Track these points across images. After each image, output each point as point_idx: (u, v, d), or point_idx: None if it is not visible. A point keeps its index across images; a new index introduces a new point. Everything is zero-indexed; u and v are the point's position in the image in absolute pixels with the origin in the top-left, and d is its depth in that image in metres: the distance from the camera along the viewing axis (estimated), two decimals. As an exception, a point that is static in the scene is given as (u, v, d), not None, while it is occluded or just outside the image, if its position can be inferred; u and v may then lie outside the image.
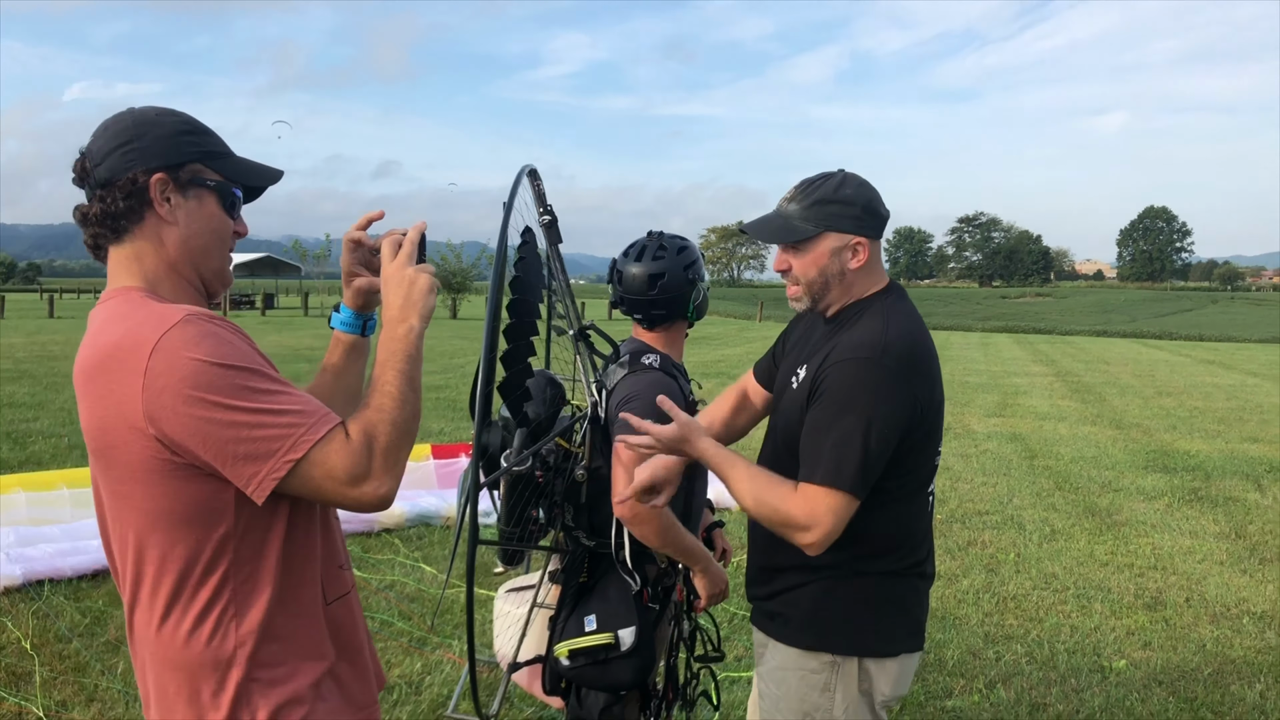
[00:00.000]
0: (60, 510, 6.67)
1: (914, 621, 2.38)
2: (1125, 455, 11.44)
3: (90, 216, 1.63)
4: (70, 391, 14.19)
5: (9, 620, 5.09)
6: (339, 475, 1.52)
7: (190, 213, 1.65)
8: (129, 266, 1.64)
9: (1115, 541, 7.50)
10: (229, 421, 1.47)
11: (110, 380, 1.49)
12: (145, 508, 1.53)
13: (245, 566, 1.58)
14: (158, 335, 1.47)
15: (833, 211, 2.28)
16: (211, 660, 1.57)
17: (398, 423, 1.58)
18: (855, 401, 2.13)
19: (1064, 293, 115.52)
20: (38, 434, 10.70)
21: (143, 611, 1.59)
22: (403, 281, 1.71)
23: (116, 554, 1.62)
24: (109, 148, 1.61)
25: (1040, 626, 5.60)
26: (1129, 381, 21.28)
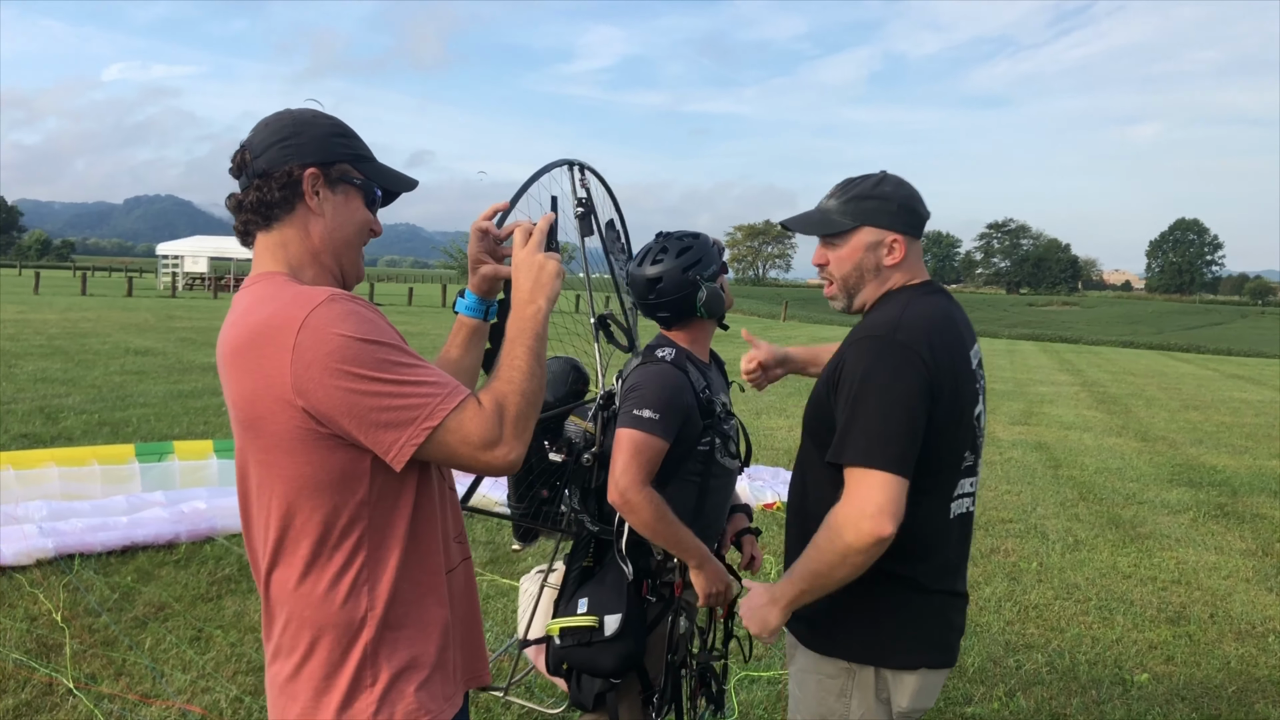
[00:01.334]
0: (91, 486, 6.76)
1: (939, 637, 2.32)
2: (1150, 468, 11.36)
3: (245, 204, 1.75)
4: (101, 368, 14.39)
5: (40, 592, 5.17)
6: (473, 440, 1.63)
7: (336, 207, 1.78)
8: (275, 253, 1.76)
9: (1139, 554, 7.46)
10: (371, 392, 1.57)
11: (260, 356, 1.59)
12: (289, 475, 1.63)
13: (378, 532, 1.68)
14: (305, 313, 1.58)
15: (869, 207, 2.30)
16: (345, 620, 1.67)
17: (526, 393, 1.70)
18: (871, 379, 2.13)
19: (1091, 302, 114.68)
20: (69, 409, 10.83)
21: (282, 570, 1.69)
22: (532, 266, 1.82)
23: (256, 518, 1.72)
24: (269, 142, 1.74)
25: (1061, 636, 5.59)
26: (1155, 394, 21.12)
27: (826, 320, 54.92)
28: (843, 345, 2.30)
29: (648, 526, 2.65)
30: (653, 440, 2.65)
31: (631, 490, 2.60)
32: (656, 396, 2.67)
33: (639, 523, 2.65)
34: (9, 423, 9.85)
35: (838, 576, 2.13)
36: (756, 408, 14.16)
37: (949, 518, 2.28)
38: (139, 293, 44.52)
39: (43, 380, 13.09)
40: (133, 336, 20.92)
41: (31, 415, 10.34)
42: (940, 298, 2.34)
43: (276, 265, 1.75)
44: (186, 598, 5.29)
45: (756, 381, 3.00)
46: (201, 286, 53.89)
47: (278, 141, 1.74)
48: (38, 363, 14.96)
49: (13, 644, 4.54)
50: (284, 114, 1.79)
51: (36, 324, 22.73)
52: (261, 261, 1.77)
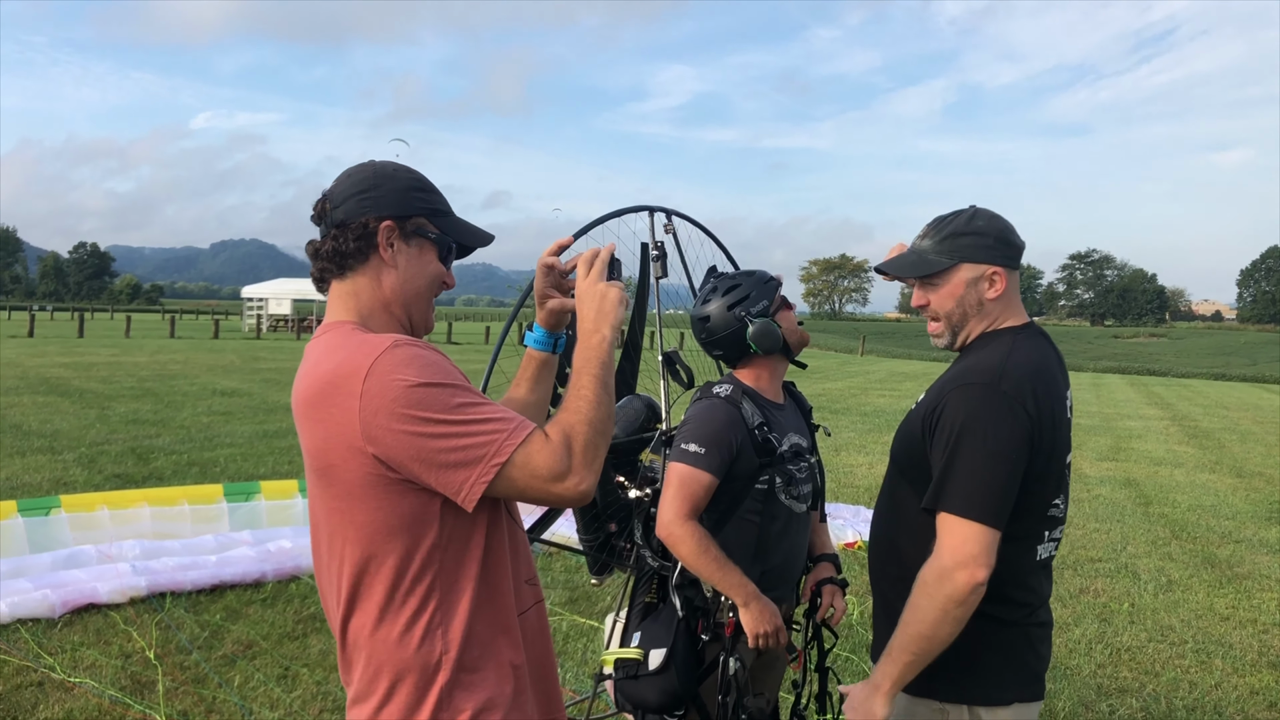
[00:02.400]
0: (181, 525, 6.93)
1: (1029, 670, 2.30)
2: (1247, 505, 10.99)
3: (321, 252, 1.81)
4: (189, 410, 14.78)
5: (134, 630, 5.30)
6: (542, 474, 1.65)
7: (410, 259, 1.83)
8: (346, 301, 1.81)
9: (1237, 595, 7.20)
10: (438, 434, 1.60)
11: (329, 405, 1.64)
12: (362, 521, 1.66)
13: (449, 575, 1.70)
14: (370, 360, 1.62)
15: (966, 243, 2.30)
16: (420, 663, 1.68)
17: (593, 422, 1.72)
18: (973, 429, 2.12)
19: (1180, 333, 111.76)
20: (160, 450, 11.13)
21: (358, 616, 1.71)
22: (595, 295, 1.86)
23: (328, 565, 1.75)
24: (348, 193, 1.80)
25: (1156, 681, 5.41)
26: (1250, 428, 20.45)
27: (905, 355, 54.28)
28: (942, 385, 2.27)
29: (690, 560, 2.66)
30: (697, 474, 2.66)
31: (675, 523, 2.63)
32: (703, 431, 2.70)
33: (682, 555, 2.67)
34: (103, 463, 10.16)
35: (942, 635, 2.11)
36: (836, 444, 14.02)
37: (1035, 560, 2.28)
38: (225, 335, 45.71)
39: (134, 422, 13.48)
40: (219, 378, 21.46)
41: (124, 456, 10.65)
42: (1042, 342, 2.32)
43: (347, 314, 1.80)
44: (273, 636, 5.38)
45: None
46: (285, 328, 55.14)
47: (357, 193, 1.79)
48: (129, 404, 15.42)
49: (108, 681, 4.66)
50: (366, 166, 1.84)
51: (128, 366, 23.45)
52: (333, 310, 1.83)
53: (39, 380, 18.88)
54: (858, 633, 5.85)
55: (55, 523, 6.50)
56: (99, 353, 28.31)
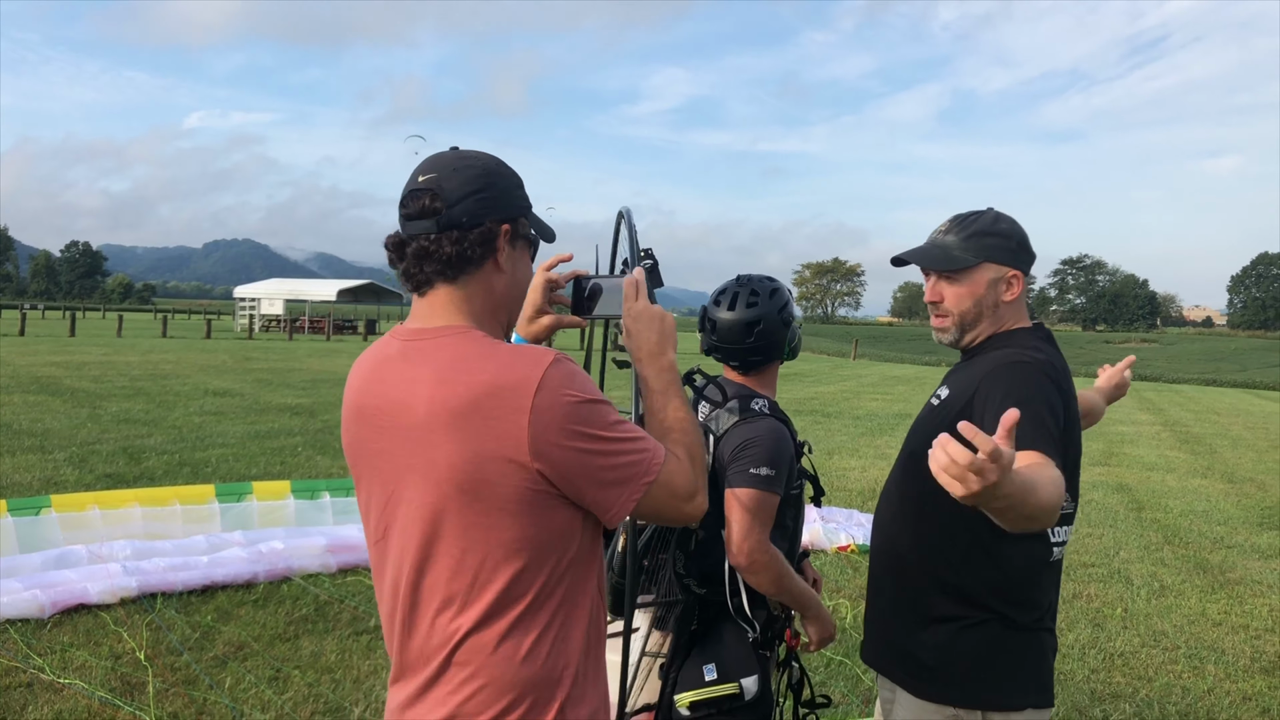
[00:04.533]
0: (172, 525, 6.89)
1: (1041, 677, 2.30)
2: (1239, 511, 11.01)
3: (439, 255, 1.68)
4: (181, 409, 14.71)
5: (125, 631, 5.27)
6: (680, 493, 1.67)
7: (515, 262, 1.77)
8: (460, 306, 1.71)
9: (1229, 600, 7.21)
10: (602, 451, 1.59)
11: (490, 417, 1.56)
12: (509, 537, 1.60)
13: (575, 590, 1.68)
14: (539, 374, 1.57)
15: (991, 244, 2.33)
16: (545, 678, 1.64)
17: (700, 442, 1.75)
18: (1027, 392, 2.09)
19: (1171, 339, 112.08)
20: (151, 450, 11.09)
21: (483, 634, 1.63)
22: (654, 318, 1.84)
23: (445, 582, 1.64)
24: (464, 191, 1.68)
25: (1150, 686, 5.41)
26: (1241, 433, 20.51)
27: (897, 359, 54.33)
28: (978, 375, 2.23)
29: (774, 584, 2.58)
30: (771, 498, 2.59)
31: (759, 551, 2.54)
32: (771, 452, 2.61)
33: (765, 581, 2.57)
34: (94, 463, 10.12)
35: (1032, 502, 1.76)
36: (828, 448, 14.02)
37: (1049, 561, 2.28)
38: (217, 335, 45.59)
39: (126, 421, 13.43)
40: (211, 378, 21.41)
41: (115, 455, 10.61)
42: (1056, 347, 2.35)
43: (462, 319, 1.71)
44: (265, 637, 5.36)
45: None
46: (277, 328, 55.06)
47: (474, 192, 1.68)
48: (121, 404, 15.37)
49: (98, 682, 4.63)
50: (471, 160, 1.73)
51: (120, 366, 23.38)
52: (440, 313, 1.71)
53: (30, 379, 18.80)
54: (851, 636, 5.84)
55: (45, 522, 6.46)
56: (90, 352, 28.22)
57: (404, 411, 1.63)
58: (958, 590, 2.25)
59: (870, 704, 4.74)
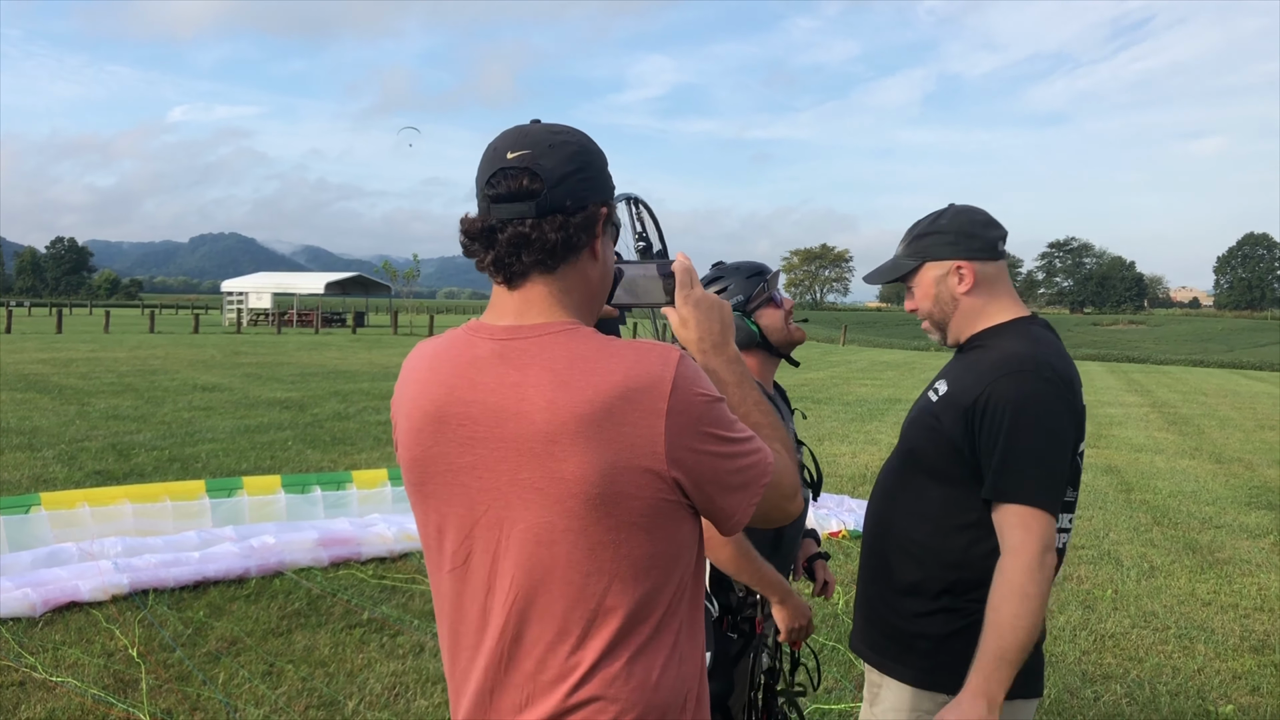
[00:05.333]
0: (163, 521, 6.88)
1: (1031, 665, 2.28)
2: (1227, 490, 11.07)
3: (540, 242, 1.48)
4: (170, 405, 14.66)
5: (116, 628, 5.26)
6: (788, 491, 1.56)
7: (607, 248, 1.59)
8: (559, 299, 1.52)
9: (1218, 580, 7.26)
10: (729, 454, 1.46)
11: (623, 423, 1.40)
12: (640, 554, 1.45)
13: (693, 604, 1.56)
14: (671, 372, 1.42)
15: (928, 243, 2.37)
16: (678, 700, 1.51)
17: (786, 436, 1.64)
18: (1031, 416, 2.12)
19: (1158, 320, 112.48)
20: (141, 446, 11.06)
21: (609, 663, 1.46)
22: (715, 305, 1.68)
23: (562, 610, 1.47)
24: (564, 171, 1.48)
25: (1140, 667, 5.44)
26: (1228, 414, 20.61)
27: (886, 344, 54.44)
28: (979, 376, 2.24)
29: (733, 562, 2.61)
30: None
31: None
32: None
33: (725, 560, 2.61)
34: (83, 460, 10.08)
35: (1035, 629, 2.08)
36: (819, 434, 14.05)
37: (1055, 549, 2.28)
38: (205, 329, 45.44)
39: (115, 417, 13.39)
40: (200, 373, 21.33)
41: (105, 452, 10.57)
42: (1050, 333, 2.34)
43: (564, 314, 1.52)
44: (258, 632, 5.35)
45: None
46: (265, 322, 54.91)
47: (575, 172, 1.48)
48: (109, 400, 15.31)
49: (90, 680, 4.62)
50: (565, 135, 1.52)
51: (108, 362, 23.28)
52: (537, 309, 1.51)
53: (17, 377, 18.71)
54: (843, 622, 5.87)
55: (35, 520, 6.43)
56: (78, 348, 28.09)
57: (512, 420, 1.44)
58: (953, 583, 2.25)
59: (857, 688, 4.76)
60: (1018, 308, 2.37)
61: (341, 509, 7.51)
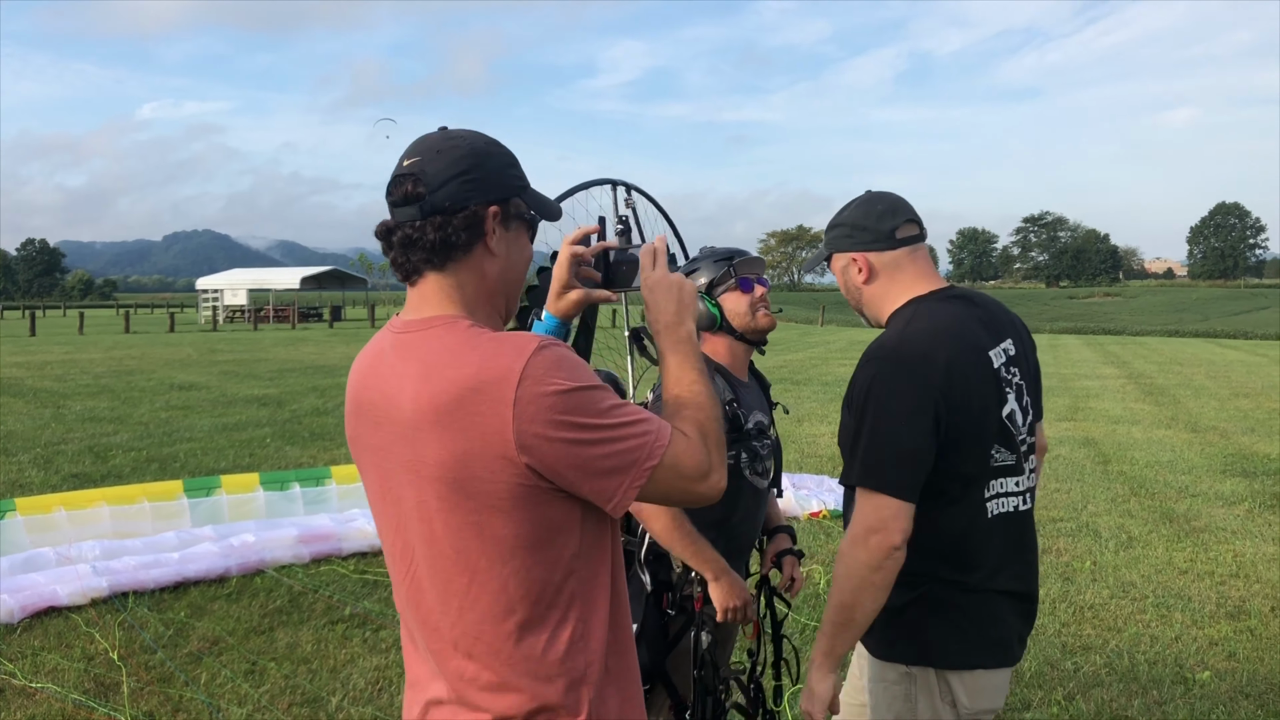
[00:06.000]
0: (141, 523, 6.84)
1: (993, 636, 2.32)
2: (1202, 459, 11.18)
3: (423, 242, 1.62)
4: (147, 405, 14.57)
5: (96, 632, 5.23)
6: (689, 473, 1.59)
7: (509, 244, 1.69)
8: (450, 294, 1.65)
9: (1195, 548, 7.33)
10: (595, 440, 1.51)
11: (475, 413, 1.50)
12: (503, 534, 1.55)
13: (588, 584, 1.62)
14: (521, 363, 1.50)
15: (832, 235, 2.46)
16: (567, 677, 1.59)
17: (716, 417, 1.67)
18: (874, 400, 2.20)
19: (1134, 292, 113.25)
20: (118, 447, 10.99)
21: (497, 634, 1.58)
22: (672, 286, 1.77)
23: (446, 583, 1.60)
24: (448, 174, 1.61)
25: (1119, 636, 5.50)
26: (1204, 383, 20.80)
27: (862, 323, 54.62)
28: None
29: (663, 535, 2.68)
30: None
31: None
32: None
33: (656, 530, 2.68)
34: (60, 463, 10.01)
35: (864, 604, 2.18)
36: (799, 415, 14.10)
37: (987, 518, 2.29)
38: (181, 328, 45.12)
39: (91, 419, 13.29)
40: (177, 372, 21.20)
41: (81, 455, 10.50)
42: (953, 304, 2.35)
43: (452, 308, 1.65)
44: (239, 631, 5.34)
45: None
46: (242, 319, 54.58)
47: (459, 175, 1.60)
48: (85, 402, 15.20)
49: (71, 684, 4.60)
50: (456, 141, 1.65)
51: (83, 364, 23.10)
52: (431, 303, 1.65)
53: (-10, 381, 18.54)
54: (824, 600, 5.90)
55: (10, 526, 6.39)
56: (52, 351, 27.86)
57: (395, 408, 1.59)
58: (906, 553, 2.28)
59: (843, 668, 4.79)
60: (918, 289, 2.38)
61: (321, 505, 7.49)
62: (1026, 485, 2.36)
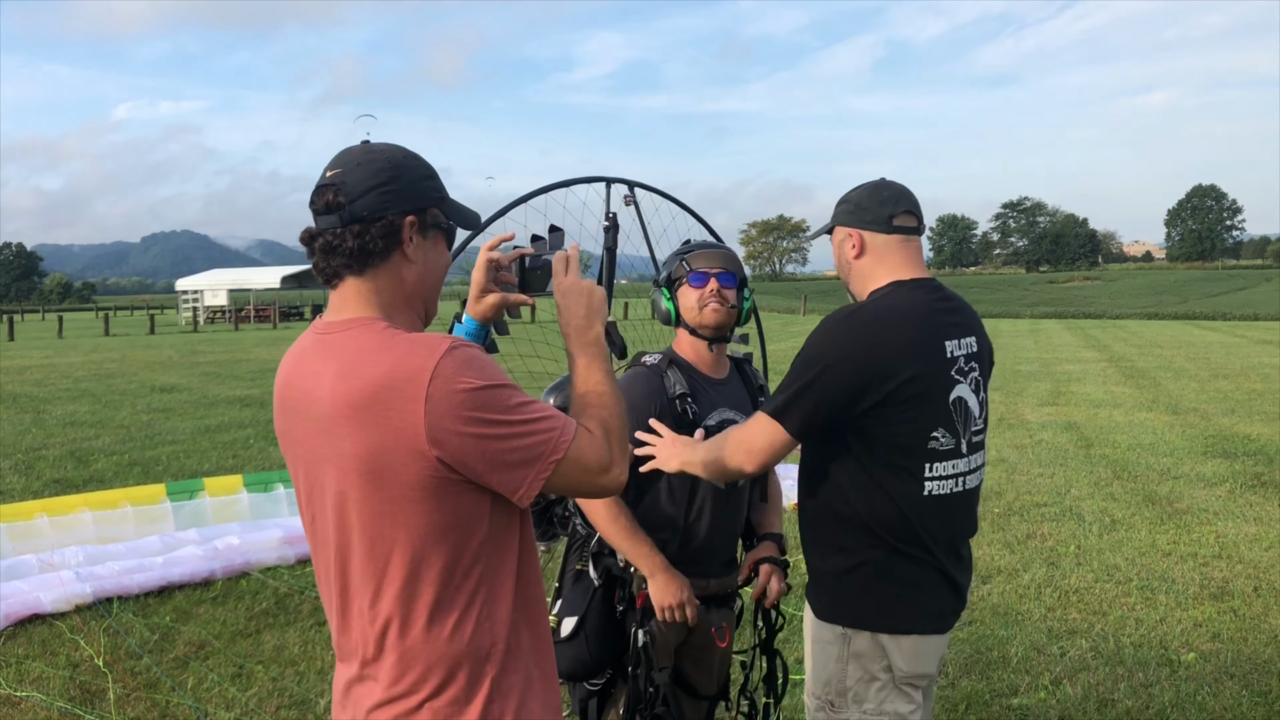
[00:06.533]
0: (124, 528, 6.80)
1: (929, 605, 2.45)
2: (1184, 441, 11.25)
3: (342, 249, 1.72)
4: (128, 408, 14.48)
5: (81, 638, 5.20)
6: (592, 467, 1.71)
7: (427, 252, 1.80)
8: (368, 298, 1.75)
9: (1177, 530, 7.38)
10: (502, 435, 1.62)
11: (388, 409, 1.61)
12: (415, 523, 1.65)
13: (494, 570, 1.73)
14: (433, 363, 1.61)
15: (839, 210, 2.60)
16: (472, 656, 1.70)
17: (619, 415, 1.80)
18: (807, 351, 2.39)
19: (1113, 275, 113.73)
20: (100, 452, 10.92)
21: (406, 618, 1.69)
22: (583, 292, 1.90)
23: (362, 568, 1.71)
24: (366, 186, 1.71)
25: (1104, 620, 5.53)
26: (1184, 365, 20.94)
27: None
28: None
29: (603, 527, 2.73)
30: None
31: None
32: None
33: (597, 523, 2.73)
34: (41, 469, 9.94)
35: (708, 474, 2.56)
36: (782, 405, 14.11)
37: (922, 495, 2.39)
38: (161, 330, 44.85)
39: (72, 424, 13.20)
40: (158, 374, 21.08)
41: (63, 460, 10.43)
42: (923, 293, 2.47)
43: (370, 310, 1.75)
44: (226, 635, 5.31)
45: None
46: (222, 319, 54.30)
47: (377, 186, 1.71)
48: (66, 406, 15.10)
49: (56, 692, 4.57)
50: (376, 154, 1.76)
51: (62, 368, 22.94)
52: (350, 306, 1.76)
53: (-31, 387, 18.40)
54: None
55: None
56: (31, 355, 27.66)
57: (314, 404, 1.70)
58: (848, 520, 2.42)
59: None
60: (900, 274, 2.49)
61: (306, 506, 7.46)
62: (966, 469, 2.45)
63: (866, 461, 2.37)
